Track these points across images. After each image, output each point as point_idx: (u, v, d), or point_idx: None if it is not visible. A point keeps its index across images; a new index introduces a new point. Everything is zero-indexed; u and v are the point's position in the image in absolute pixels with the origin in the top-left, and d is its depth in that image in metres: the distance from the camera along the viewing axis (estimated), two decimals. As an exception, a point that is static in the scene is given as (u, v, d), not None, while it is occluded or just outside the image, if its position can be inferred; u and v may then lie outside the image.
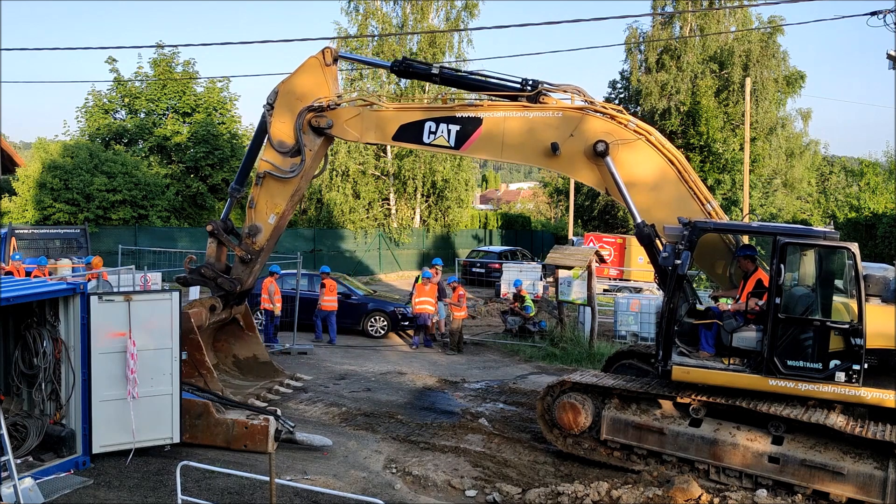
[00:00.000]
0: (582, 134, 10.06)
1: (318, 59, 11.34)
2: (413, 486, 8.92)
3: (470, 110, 10.64)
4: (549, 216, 60.39)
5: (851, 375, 8.48)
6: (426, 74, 11.60)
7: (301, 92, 11.33)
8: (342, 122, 11.14)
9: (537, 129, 10.28)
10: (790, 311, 8.76)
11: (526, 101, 10.49)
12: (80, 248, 21.13)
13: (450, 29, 35.97)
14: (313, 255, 31.28)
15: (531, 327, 18.92)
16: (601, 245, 27.54)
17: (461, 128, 10.63)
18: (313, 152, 11.37)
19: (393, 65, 11.62)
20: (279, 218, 11.66)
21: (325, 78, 11.36)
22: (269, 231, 11.69)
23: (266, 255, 12.09)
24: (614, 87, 44.36)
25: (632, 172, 9.94)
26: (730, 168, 36.30)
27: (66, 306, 8.74)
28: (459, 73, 11.98)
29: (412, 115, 10.91)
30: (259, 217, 11.66)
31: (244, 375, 12.33)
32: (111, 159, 28.59)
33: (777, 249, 8.69)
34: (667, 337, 9.17)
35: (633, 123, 10.00)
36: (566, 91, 10.54)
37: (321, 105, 11.15)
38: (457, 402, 12.93)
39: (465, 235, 41.89)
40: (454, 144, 10.71)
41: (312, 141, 11.32)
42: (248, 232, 11.69)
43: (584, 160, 10.14)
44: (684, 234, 9.10)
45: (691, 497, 8.27)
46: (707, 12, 39.53)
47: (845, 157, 53.53)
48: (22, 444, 8.46)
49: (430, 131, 10.75)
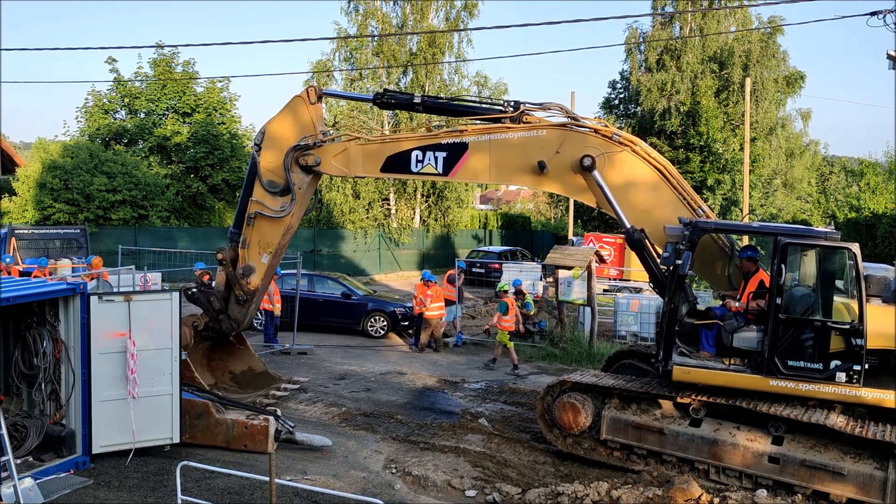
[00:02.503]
0: (568, 150, 10.18)
1: (302, 99, 11.35)
2: (413, 486, 8.92)
3: (454, 136, 10.66)
4: (549, 216, 60.37)
5: (852, 376, 8.47)
6: (408, 104, 11.55)
7: (286, 131, 11.35)
8: (329, 158, 11.14)
9: (523, 148, 10.35)
10: (791, 312, 8.75)
11: (510, 122, 10.52)
12: (80, 248, 21.12)
13: (450, 29, 35.96)
14: (313, 256, 31.29)
15: (531, 327, 18.91)
16: (601, 245, 27.48)
17: (448, 154, 10.66)
18: (302, 190, 11.37)
19: (375, 97, 11.64)
20: (272, 257, 11.67)
21: (310, 116, 11.37)
22: (263, 271, 11.68)
23: (261, 295, 12.12)
24: (614, 87, 44.32)
25: (620, 183, 10.06)
26: (730, 168, 36.29)
27: (66, 306, 8.74)
28: (441, 101, 12.07)
29: (398, 146, 10.93)
30: (252, 257, 11.67)
31: (243, 389, 12.30)
32: (111, 159, 28.59)
33: (778, 250, 8.69)
34: (668, 337, 9.18)
35: (618, 135, 10.11)
36: (549, 108, 10.61)
37: (307, 143, 11.15)
38: (457, 402, 12.93)
39: (465, 235, 41.88)
40: (442, 171, 10.74)
41: (301, 179, 11.32)
42: (243, 272, 11.66)
43: (572, 175, 10.25)
44: (685, 233, 9.09)
45: (691, 497, 8.27)
46: (707, 12, 39.54)
47: (845, 157, 53.62)
48: (22, 444, 8.46)
49: (417, 160, 10.78)
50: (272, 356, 15.59)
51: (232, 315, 11.89)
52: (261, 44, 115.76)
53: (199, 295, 11.99)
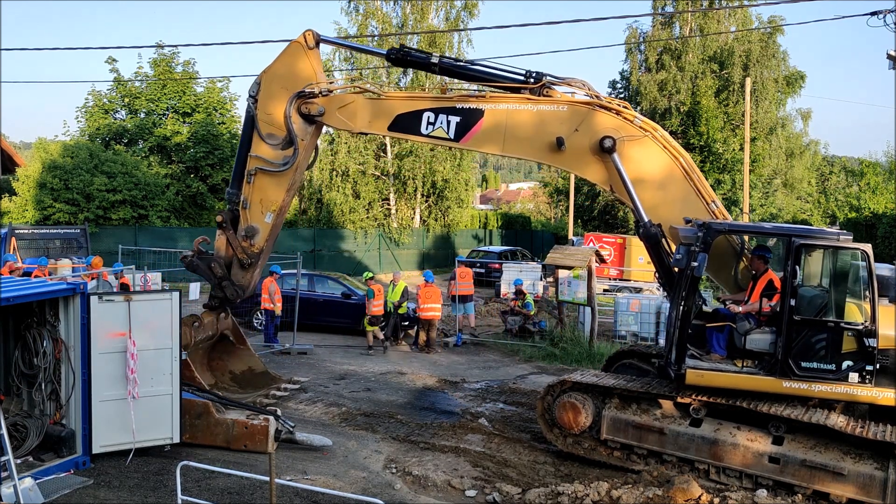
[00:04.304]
0: (588, 129, 9.79)
1: (300, 43, 10.68)
2: (413, 486, 8.92)
3: (472, 101, 10.20)
4: (549, 216, 60.36)
5: (865, 376, 8.50)
6: (425, 63, 10.95)
7: (286, 78, 10.68)
8: (335, 109, 10.53)
9: (542, 122, 9.92)
10: (805, 313, 8.73)
11: (529, 93, 10.11)
12: (80, 248, 21.14)
13: (450, 29, 35.96)
14: (313, 255, 31.30)
15: (531, 327, 18.91)
16: (601, 245, 27.50)
17: (462, 119, 10.17)
18: (305, 141, 10.73)
19: (389, 52, 10.93)
20: (276, 215, 11.05)
21: (310, 61, 10.71)
22: (268, 231, 11.11)
23: (265, 256, 11.52)
24: (614, 87, 44.37)
25: (638, 170, 9.75)
26: (730, 168, 36.30)
27: (66, 306, 8.73)
28: (460, 63, 11.28)
29: (410, 105, 10.39)
30: (255, 217, 11.04)
31: (243, 389, 12.27)
32: (111, 159, 28.60)
33: (792, 251, 8.66)
34: (680, 340, 9.03)
35: (640, 120, 9.80)
36: (571, 84, 10.17)
37: (312, 91, 10.53)
38: (457, 402, 12.93)
39: (465, 235, 41.88)
40: (454, 136, 10.23)
41: (303, 129, 10.68)
42: (245, 234, 11.07)
43: (590, 156, 9.88)
44: (699, 235, 8.96)
45: (691, 497, 8.27)
46: (707, 12, 39.55)
47: (845, 157, 53.56)
48: (22, 444, 8.46)
49: (428, 122, 10.24)
50: (272, 356, 15.59)
51: (236, 280, 11.38)
52: (261, 44, 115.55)
53: (197, 262, 11.44)
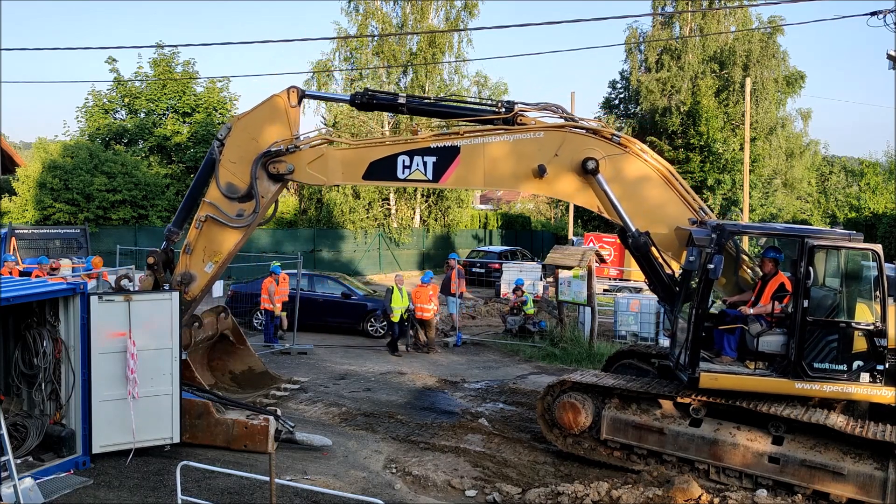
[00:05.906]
0: (568, 152, 9.63)
1: (282, 100, 10.13)
2: (413, 486, 8.92)
3: (444, 139, 9.85)
4: (549, 216, 60.35)
5: (875, 376, 8.54)
6: (391, 105, 10.47)
7: (259, 133, 10.14)
8: (304, 165, 10.03)
9: (520, 151, 9.71)
10: (818, 314, 8.74)
11: (503, 123, 9.84)
12: (80, 248, 21.13)
13: (450, 29, 35.97)
14: (313, 255, 31.30)
15: (531, 327, 18.91)
16: (601, 245, 27.52)
17: (438, 159, 9.80)
18: (266, 200, 10.22)
19: (353, 98, 10.41)
20: (217, 267, 10.40)
21: (288, 120, 10.17)
22: (205, 280, 10.43)
23: (196, 306, 10.83)
24: (614, 87, 44.40)
25: (623, 186, 9.67)
26: (730, 168, 36.31)
27: (66, 306, 8.74)
28: (427, 101, 11.11)
29: (383, 151, 9.97)
30: (194, 265, 10.36)
31: (243, 389, 12.30)
32: (111, 159, 28.59)
33: (805, 252, 8.66)
34: (694, 343, 8.98)
35: (618, 137, 9.72)
36: (544, 109, 9.97)
37: (279, 150, 9.98)
38: (457, 402, 12.93)
39: (465, 235, 41.88)
40: (432, 177, 9.90)
41: (267, 188, 10.16)
42: (181, 280, 10.37)
43: (574, 179, 9.71)
44: (712, 237, 8.91)
45: (691, 497, 8.28)
46: (707, 12, 39.56)
47: (845, 157, 53.60)
48: (22, 444, 8.46)
49: (404, 166, 9.87)
50: (272, 356, 15.59)
51: None
52: (261, 44, 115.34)
53: None
